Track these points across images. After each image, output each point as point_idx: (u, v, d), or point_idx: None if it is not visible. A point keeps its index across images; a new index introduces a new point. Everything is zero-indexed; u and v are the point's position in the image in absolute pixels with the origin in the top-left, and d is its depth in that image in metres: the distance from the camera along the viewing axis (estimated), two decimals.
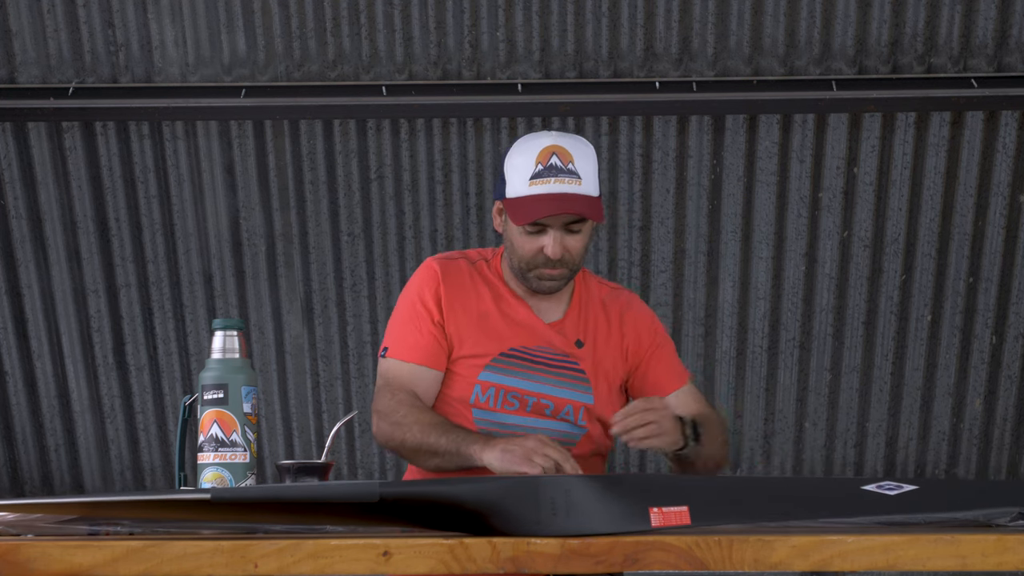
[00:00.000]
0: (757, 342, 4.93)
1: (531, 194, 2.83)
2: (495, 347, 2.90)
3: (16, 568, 1.94)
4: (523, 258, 2.88)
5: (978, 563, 1.97)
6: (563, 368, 2.93)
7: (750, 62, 4.58)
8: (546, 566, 1.97)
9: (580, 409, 2.92)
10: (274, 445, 5.08)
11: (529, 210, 2.82)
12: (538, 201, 2.82)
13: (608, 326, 2.99)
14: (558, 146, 2.84)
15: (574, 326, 2.96)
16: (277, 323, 4.93)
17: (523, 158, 2.85)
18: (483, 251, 3.04)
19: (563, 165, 2.83)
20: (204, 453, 2.43)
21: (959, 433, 5.05)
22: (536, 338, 2.92)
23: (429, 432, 2.78)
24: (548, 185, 2.82)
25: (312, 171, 4.74)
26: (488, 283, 2.96)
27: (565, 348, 2.94)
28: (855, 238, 4.80)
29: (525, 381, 2.90)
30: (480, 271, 2.97)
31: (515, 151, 2.88)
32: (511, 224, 2.87)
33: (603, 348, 2.97)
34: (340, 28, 4.53)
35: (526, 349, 2.91)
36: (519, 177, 2.84)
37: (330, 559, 1.95)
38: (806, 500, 2.19)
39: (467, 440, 2.74)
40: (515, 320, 2.93)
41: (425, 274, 2.95)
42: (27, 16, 4.51)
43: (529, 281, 2.91)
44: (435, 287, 2.92)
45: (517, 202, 2.84)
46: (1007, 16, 4.50)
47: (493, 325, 2.92)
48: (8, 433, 5.07)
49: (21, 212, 4.78)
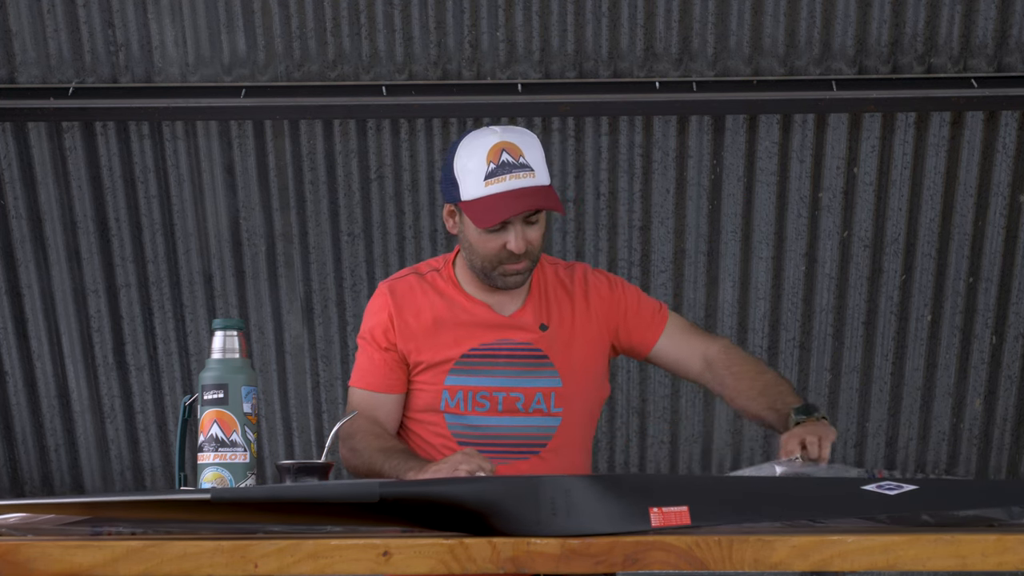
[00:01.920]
0: (757, 342, 4.92)
1: (489, 194, 2.82)
2: (455, 351, 2.92)
3: (16, 568, 1.94)
4: (486, 257, 2.88)
5: (978, 563, 1.97)
6: (525, 357, 2.93)
7: (750, 62, 4.58)
8: (546, 566, 1.98)
9: (551, 395, 2.94)
10: (274, 445, 5.08)
11: (492, 211, 2.82)
12: (499, 200, 2.82)
13: (572, 303, 3.00)
14: (506, 142, 2.83)
15: (536, 312, 2.97)
16: (277, 323, 4.93)
17: (473, 159, 2.83)
18: (433, 261, 3.05)
19: (515, 160, 2.82)
20: (204, 453, 2.43)
21: (959, 433, 5.05)
22: (494, 333, 2.93)
23: (376, 458, 2.83)
24: (504, 183, 2.81)
25: (312, 171, 4.74)
26: (439, 292, 2.97)
27: (526, 337, 2.94)
28: (855, 238, 4.80)
29: (490, 378, 2.91)
30: (430, 282, 2.98)
31: (463, 153, 2.86)
32: (469, 226, 2.87)
33: (571, 326, 2.98)
34: (340, 28, 4.53)
35: (485, 346, 2.93)
36: (472, 179, 2.83)
37: (330, 559, 1.95)
38: (806, 500, 2.19)
39: (404, 466, 2.76)
40: (471, 321, 2.94)
41: (374, 302, 2.99)
42: (27, 16, 4.51)
43: (493, 279, 2.91)
44: (383, 313, 2.95)
45: (476, 204, 2.83)
46: (1007, 16, 4.50)
47: (449, 330, 2.93)
48: (8, 433, 5.07)
49: (21, 212, 4.78)
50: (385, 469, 2.79)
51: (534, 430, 2.88)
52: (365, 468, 2.84)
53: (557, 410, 2.93)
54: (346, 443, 2.91)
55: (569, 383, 2.95)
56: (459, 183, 2.85)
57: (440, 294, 2.96)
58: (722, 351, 3.04)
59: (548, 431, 2.93)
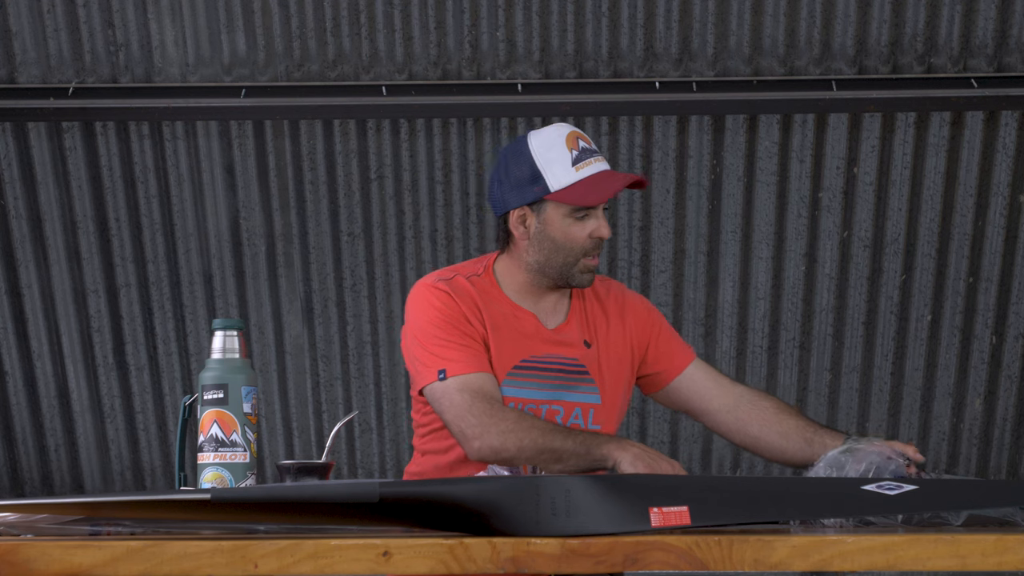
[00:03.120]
0: (757, 342, 4.92)
1: (584, 177, 2.85)
2: (508, 361, 2.88)
3: (16, 568, 1.94)
4: (571, 250, 2.88)
5: (978, 563, 1.97)
6: (571, 373, 2.92)
7: (750, 62, 4.58)
8: (546, 566, 1.97)
9: (589, 411, 2.93)
10: (274, 445, 5.08)
11: (594, 190, 2.85)
12: (597, 180, 2.86)
13: (607, 321, 2.99)
14: (575, 131, 2.89)
15: (579, 327, 2.96)
16: (277, 323, 4.93)
17: (554, 150, 2.86)
18: (469, 266, 3.00)
19: (589, 146, 2.88)
20: (204, 453, 2.43)
21: (959, 433, 5.05)
22: (544, 347, 2.91)
23: (552, 437, 2.72)
24: (592, 166, 2.87)
25: (312, 171, 4.74)
26: (488, 296, 2.93)
27: (572, 352, 2.93)
28: (855, 238, 4.80)
29: (537, 391, 2.89)
30: (479, 286, 2.93)
31: (539, 148, 2.87)
32: (553, 220, 2.87)
33: (607, 344, 2.97)
34: (340, 28, 4.53)
35: (535, 358, 2.90)
36: (559, 168, 2.85)
37: (330, 559, 1.95)
38: (806, 500, 2.19)
39: (597, 441, 2.71)
40: (522, 331, 2.91)
41: (438, 295, 2.88)
42: (27, 16, 4.51)
43: (572, 276, 2.90)
44: (454, 305, 2.87)
45: (572, 189, 2.85)
46: (1007, 16, 4.50)
47: (503, 338, 2.89)
48: (8, 433, 5.07)
49: (21, 212, 4.78)
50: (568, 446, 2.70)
51: None
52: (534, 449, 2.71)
53: (595, 427, 2.93)
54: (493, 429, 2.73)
55: (606, 401, 2.95)
56: (544, 175, 2.86)
57: (489, 300, 2.92)
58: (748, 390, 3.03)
59: None
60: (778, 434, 2.93)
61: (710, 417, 3.02)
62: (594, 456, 2.69)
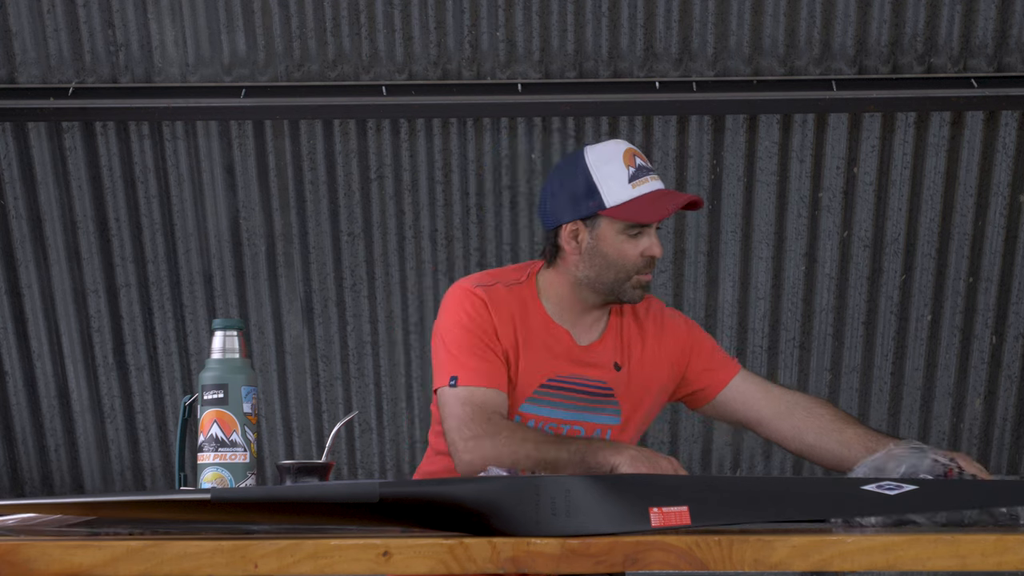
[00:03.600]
0: (757, 342, 4.92)
1: (640, 194, 2.83)
2: (534, 379, 2.87)
3: (16, 568, 1.94)
4: (623, 267, 2.85)
5: (978, 563, 1.97)
6: (595, 395, 2.90)
7: (750, 62, 4.58)
8: (546, 566, 1.97)
9: (607, 432, 2.91)
10: (274, 445, 5.08)
11: (651, 208, 2.82)
12: (653, 198, 2.83)
13: (643, 341, 2.96)
14: (632, 147, 2.87)
15: (613, 347, 2.93)
16: (277, 323, 4.93)
17: (611, 165, 2.84)
18: (512, 272, 2.97)
19: (645, 164, 2.86)
20: (204, 453, 2.43)
21: (959, 433, 5.05)
22: (571, 367, 2.89)
23: (547, 447, 2.72)
24: (648, 184, 2.84)
25: (312, 171, 4.74)
26: (525, 308, 2.90)
27: (600, 375, 2.90)
28: (855, 238, 4.80)
29: (561, 411, 2.88)
30: (517, 296, 2.91)
31: (596, 163, 2.85)
32: (607, 236, 2.84)
33: (639, 365, 2.94)
34: (340, 28, 4.53)
35: (561, 378, 2.88)
36: (615, 183, 2.82)
37: (330, 559, 1.95)
38: (806, 500, 2.19)
39: (591, 448, 2.69)
40: (553, 349, 2.88)
41: (472, 302, 2.86)
42: (27, 16, 4.51)
43: (624, 292, 2.87)
44: (486, 314, 2.85)
45: (628, 206, 2.82)
46: (1007, 16, 4.50)
47: (533, 354, 2.87)
48: (8, 433, 5.07)
49: (21, 212, 4.78)
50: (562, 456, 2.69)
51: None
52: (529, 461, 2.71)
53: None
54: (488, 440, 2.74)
55: (627, 423, 2.93)
56: (600, 190, 2.83)
57: (526, 311, 2.90)
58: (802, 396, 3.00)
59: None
60: (838, 443, 2.89)
61: (763, 427, 2.99)
62: (589, 464, 2.68)
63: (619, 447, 2.69)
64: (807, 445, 2.93)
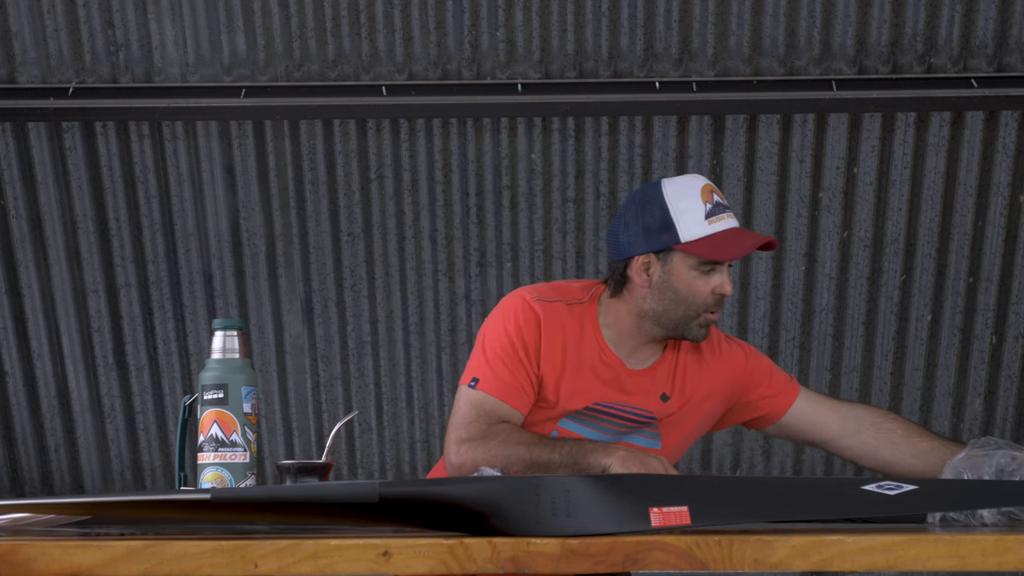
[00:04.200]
0: (757, 342, 4.92)
1: (716, 232, 2.81)
2: (579, 400, 2.86)
3: (16, 568, 1.94)
4: (693, 304, 2.84)
5: (978, 563, 1.97)
6: (639, 423, 2.89)
7: (750, 62, 4.58)
8: (546, 566, 1.97)
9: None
10: (274, 445, 5.08)
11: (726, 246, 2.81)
12: (729, 237, 2.82)
13: (701, 370, 2.95)
14: (710, 184, 2.85)
15: (663, 378, 2.92)
16: (277, 323, 4.93)
17: (687, 200, 2.82)
18: (577, 291, 2.95)
19: (722, 201, 2.85)
20: (204, 453, 2.43)
21: (959, 433, 5.05)
22: (618, 395, 2.88)
23: (538, 450, 2.73)
24: (724, 221, 2.83)
25: (312, 171, 4.74)
26: (583, 329, 2.89)
27: (647, 404, 2.90)
28: (855, 238, 4.80)
29: (599, 433, 2.87)
30: (577, 317, 2.90)
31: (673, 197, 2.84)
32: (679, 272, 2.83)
33: (691, 394, 2.93)
34: (340, 28, 4.53)
35: (607, 403, 2.87)
36: (692, 219, 2.81)
37: (330, 559, 1.95)
38: (806, 500, 2.19)
39: (582, 449, 2.71)
40: (603, 375, 2.88)
41: (527, 315, 2.86)
42: (27, 16, 4.51)
43: (690, 330, 2.86)
44: (535, 332, 2.85)
45: (703, 242, 2.81)
46: (1007, 16, 4.50)
47: (581, 376, 2.87)
48: (8, 433, 5.07)
49: (21, 212, 4.78)
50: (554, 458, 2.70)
51: None
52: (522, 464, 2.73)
53: None
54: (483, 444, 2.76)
55: (666, 448, 2.93)
56: (677, 225, 2.82)
57: (582, 334, 2.89)
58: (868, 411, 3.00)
59: None
60: (912, 455, 2.90)
61: (832, 445, 3.00)
62: (581, 466, 2.68)
63: (609, 448, 2.70)
64: (884, 462, 2.94)
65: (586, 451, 2.70)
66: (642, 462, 2.64)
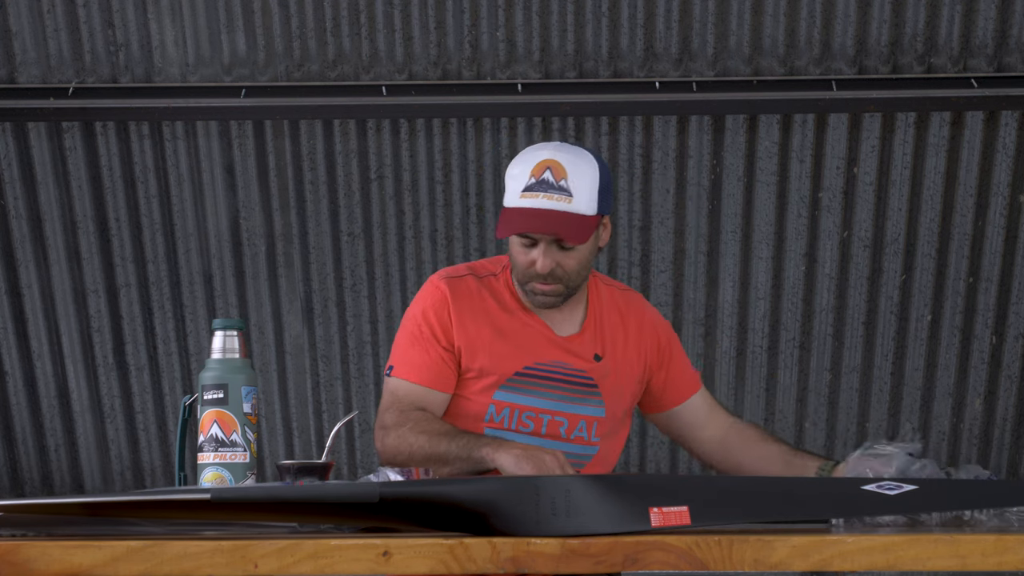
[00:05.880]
0: (757, 342, 4.92)
1: (519, 206, 2.80)
2: (510, 366, 2.87)
3: (16, 568, 1.94)
4: (517, 269, 2.86)
5: (978, 563, 1.97)
6: (577, 384, 2.90)
7: (750, 62, 4.58)
8: (546, 566, 1.97)
9: (593, 424, 2.91)
10: (274, 445, 5.08)
11: (512, 223, 2.80)
12: (522, 215, 2.79)
13: (625, 333, 2.96)
14: (554, 160, 2.80)
15: (592, 339, 2.93)
16: (277, 323, 4.93)
17: (519, 168, 2.83)
18: (490, 263, 2.98)
19: (555, 181, 2.79)
20: (204, 453, 2.43)
21: (959, 433, 5.05)
22: (550, 354, 2.89)
23: (436, 441, 2.75)
24: (536, 200, 2.79)
25: (312, 171, 4.74)
26: (498, 298, 2.91)
27: (581, 364, 2.91)
28: (855, 238, 4.80)
29: (539, 400, 2.87)
30: (489, 286, 2.92)
31: (516, 161, 2.86)
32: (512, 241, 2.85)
33: (621, 357, 2.95)
34: (340, 28, 4.53)
35: (540, 365, 2.88)
36: (513, 187, 2.82)
37: (330, 559, 1.95)
38: (806, 500, 2.19)
39: (478, 444, 2.72)
40: (528, 336, 2.89)
41: (432, 295, 2.89)
42: (27, 16, 4.51)
43: (528, 296, 2.87)
44: (443, 308, 2.87)
45: (507, 213, 2.82)
46: (1007, 16, 4.50)
47: (507, 342, 2.88)
48: (8, 433, 5.07)
49: (21, 212, 4.78)
50: (452, 450, 2.72)
51: (571, 457, 2.78)
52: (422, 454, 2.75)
53: (596, 439, 2.91)
54: (393, 432, 2.81)
55: (611, 415, 2.93)
56: (505, 189, 2.84)
57: (498, 301, 2.90)
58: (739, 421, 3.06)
59: (584, 459, 2.90)
60: (758, 458, 2.96)
61: (697, 445, 3.06)
62: (474, 458, 2.70)
63: (505, 445, 2.69)
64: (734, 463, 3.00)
65: (480, 444, 2.71)
66: (536, 461, 2.63)
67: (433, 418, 2.83)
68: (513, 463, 2.63)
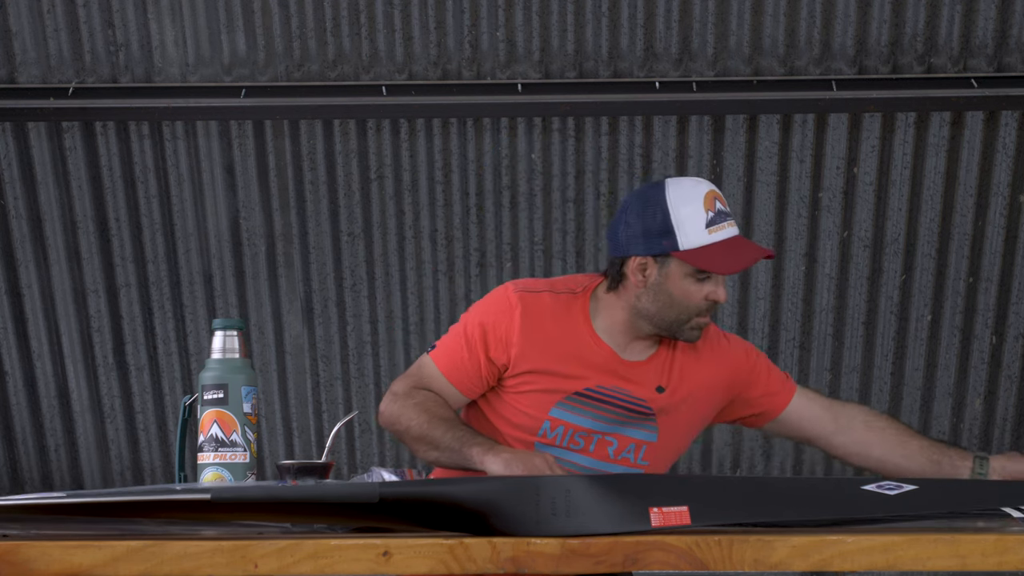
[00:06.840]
0: (757, 342, 4.92)
1: (716, 241, 2.81)
2: (571, 385, 2.86)
3: (16, 568, 1.94)
4: (686, 308, 2.84)
5: (978, 563, 1.97)
6: (634, 412, 2.88)
7: (750, 62, 4.58)
8: (546, 566, 1.97)
9: (642, 447, 2.89)
10: (274, 445, 5.08)
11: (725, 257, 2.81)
12: (729, 247, 2.82)
13: (698, 364, 2.94)
14: (714, 190, 2.84)
15: (658, 369, 2.91)
16: (277, 323, 4.94)
17: (689, 207, 2.81)
18: (571, 282, 2.96)
19: (724, 208, 2.83)
20: (204, 453, 2.43)
21: (959, 433, 5.05)
22: (613, 379, 2.87)
23: (435, 424, 2.76)
24: (725, 230, 2.82)
25: (312, 171, 4.74)
26: (572, 318, 2.89)
27: (641, 393, 2.89)
28: (855, 238, 4.81)
29: (594, 421, 2.86)
30: (566, 305, 2.90)
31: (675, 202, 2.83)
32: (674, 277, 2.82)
33: (688, 388, 2.92)
34: (340, 28, 4.53)
35: (601, 389, 2.87)
36: (692, 226, 2.80)
37: (330, 559, 1.95)
38: (806, 500, 2.19)
39: (469, 441, 2.72)
40: (594, 360, 2.87)
41: (501, 304, 2.88)
42: (27, 16, 4.51)
43: (683, 332, 2.86)
44: (506, 322, 2.86)
45: (703, 251, 2.80)
46: (1007, 16, 4.50)
47: (572, 362, 2.86)
48: (8, 433, 5.07)
49: (21, 212, 4.78)
50: (445, 439, 2.73)
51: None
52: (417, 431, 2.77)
53: (643, 463, 2.90)
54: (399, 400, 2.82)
55: (663, 441, 2.91)
56: (677, 232, 2.81)
57: (571, 321, 2.89)
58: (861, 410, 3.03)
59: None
60: (902, 456, 2.92)
61: (825, 441, 3.01)
62: (463, 455, 2.70)
63: (495, 448, 2.69)
64: (874, 459, 2.96)
65: (473, 443, 2.71)
66: (525, 463, 2.63)
67: (442, 402, 2.84)
68: (503, 467, 2.64)
